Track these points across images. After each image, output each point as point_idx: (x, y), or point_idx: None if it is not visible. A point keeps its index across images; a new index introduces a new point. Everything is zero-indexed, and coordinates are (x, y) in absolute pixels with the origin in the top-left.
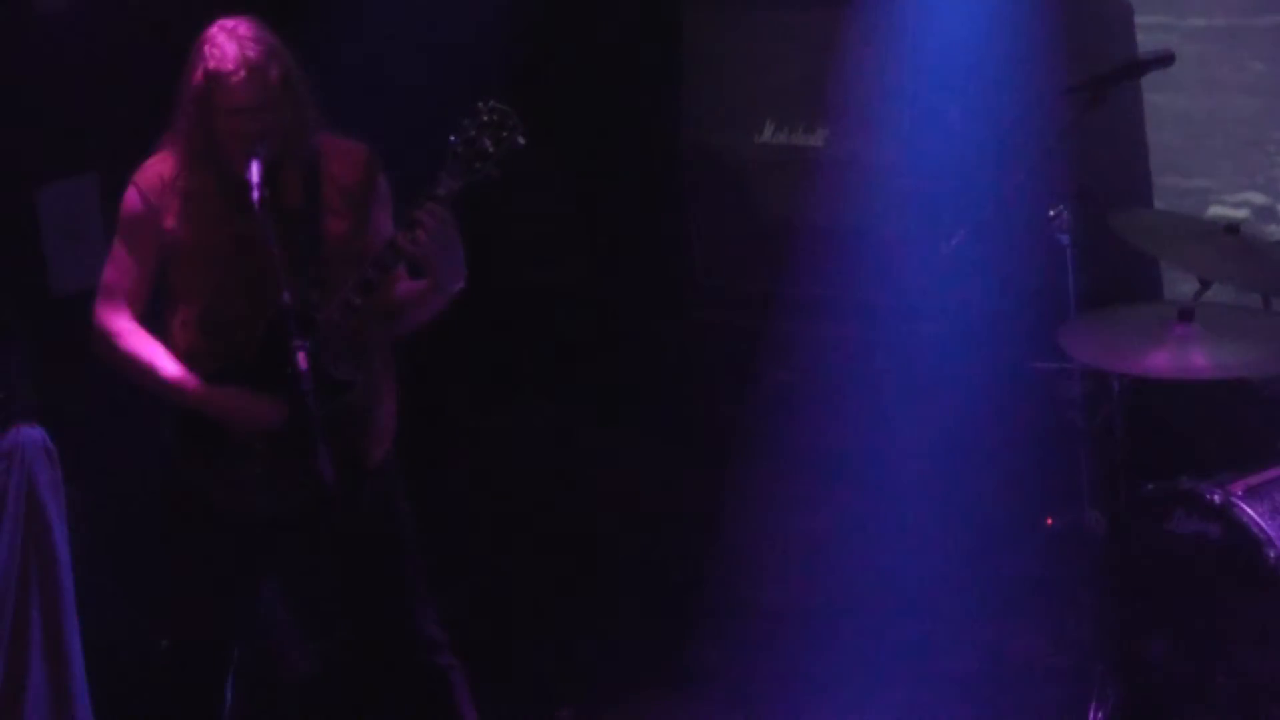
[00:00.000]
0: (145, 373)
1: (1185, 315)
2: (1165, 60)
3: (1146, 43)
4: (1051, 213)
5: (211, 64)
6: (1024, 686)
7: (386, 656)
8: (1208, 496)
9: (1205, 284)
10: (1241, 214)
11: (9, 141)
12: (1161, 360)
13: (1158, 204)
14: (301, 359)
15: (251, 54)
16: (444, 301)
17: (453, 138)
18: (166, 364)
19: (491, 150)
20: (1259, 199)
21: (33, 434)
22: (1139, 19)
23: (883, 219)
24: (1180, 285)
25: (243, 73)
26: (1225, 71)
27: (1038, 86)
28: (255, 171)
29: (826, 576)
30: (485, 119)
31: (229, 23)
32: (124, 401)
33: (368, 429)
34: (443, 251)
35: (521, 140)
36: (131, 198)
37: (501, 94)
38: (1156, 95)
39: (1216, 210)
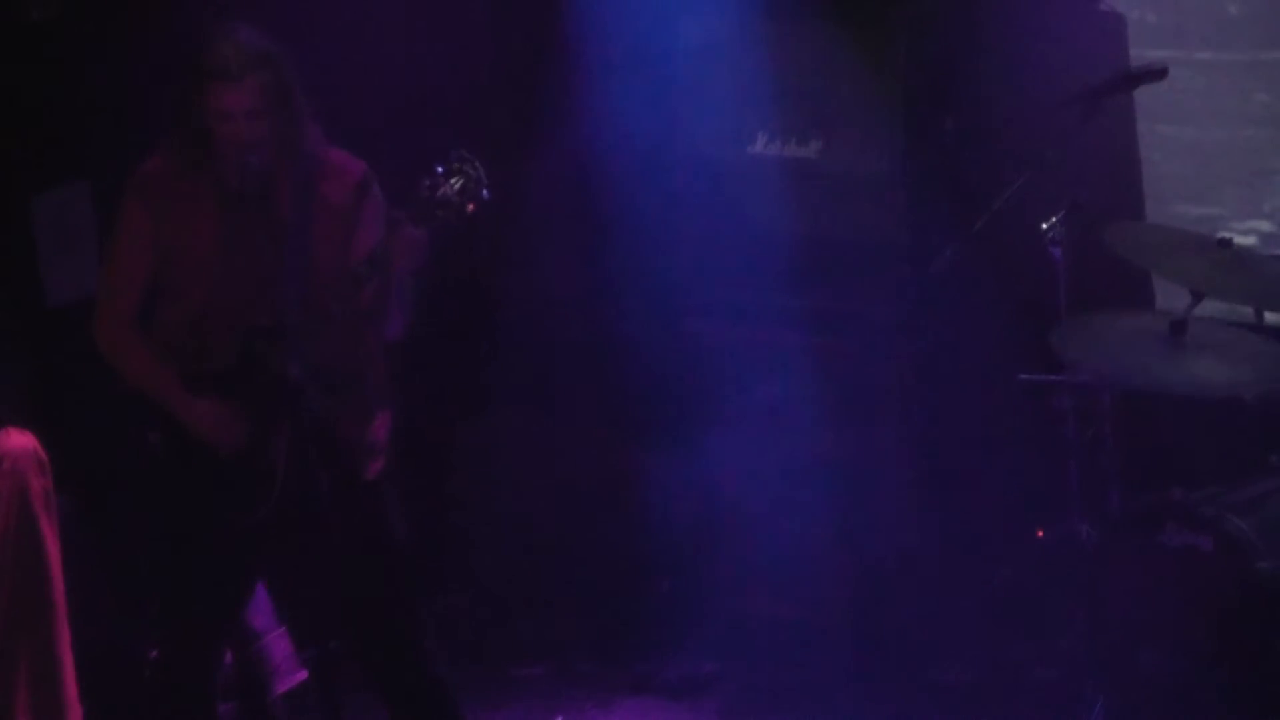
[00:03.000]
0: (136, 378)
1: (1177, 328)
2: (1158, 74)
3: None
4: (1044, 225)
5: (206, 68)
6: (1015, 698)
7: (378, 669)
8: (1199, 509)
9: (1197, 297)
10: (1249, 241)
11: (3, 149)
12: (1153, 373)
13: None
14: (293, 368)
15: (247, 59)
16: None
17: (422, 182)
18: (156, 372)
19: (455, 200)
20: (1266, 227)
21: (24, 441)
22: (1150, 53)
23: (875, 231)
24: (1172, 298)
25: (237, 77)
26: (1233, 103)
27: (1031, 99)
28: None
29: (818, 587)
30: (454, 167)
31: (225, 27)
32: (116, 409)
33: (359, 444)
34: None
35: (486, 194)
36: (127, 201)
37: (493, 102)
38: (1167, 126)
39: None
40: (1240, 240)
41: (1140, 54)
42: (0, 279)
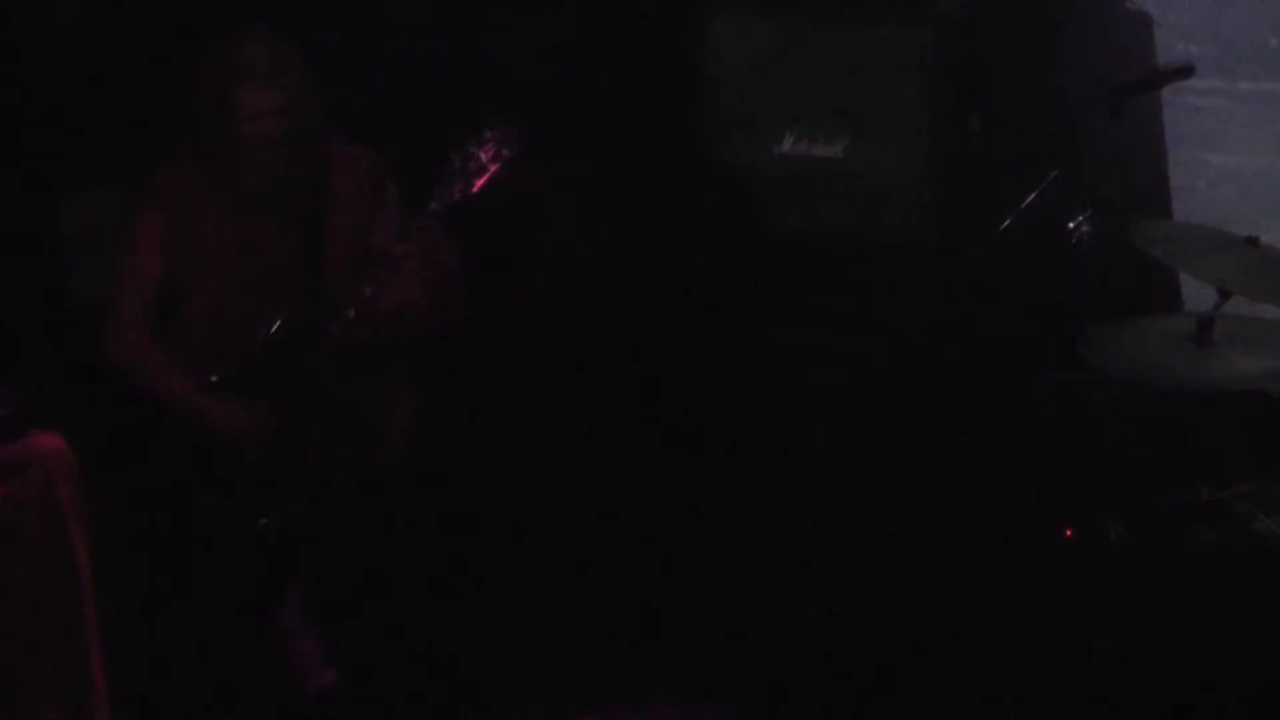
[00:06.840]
0: (144, 379)
1: (1205, 326)
2: (1185, 72)
3: (1202, 107)
4: (1071, 223)
5: (237, 68)
6: (1043, 698)
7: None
8: (1229, 508)
9: (1224, 295)
10: None
11: (30, 149)
12: (1181, 370)
13: None
14: (314, 360)
15: (275, 57)
16: (441, 312)
17: (452, 153)
18: (162, 371)
19: (490, 168)
20: None
21: (52, 442)
22: (1192, 83)
23: (901, 229)
24: (1199, 297)
25: (268, 75)
26: (1275, 132)
27: (1057, 97)
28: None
29: (839, 586)
30: (487, 136)
31: (250, 28)
32: (143, 409)
33: (375, 438)
34: (432, 264)
35: (512, 151)
36: (139, 208)
37: (518, 101)
38: (1211, 155)
39: None
40: None
41: (1182, 84)
42: (26, 278)
